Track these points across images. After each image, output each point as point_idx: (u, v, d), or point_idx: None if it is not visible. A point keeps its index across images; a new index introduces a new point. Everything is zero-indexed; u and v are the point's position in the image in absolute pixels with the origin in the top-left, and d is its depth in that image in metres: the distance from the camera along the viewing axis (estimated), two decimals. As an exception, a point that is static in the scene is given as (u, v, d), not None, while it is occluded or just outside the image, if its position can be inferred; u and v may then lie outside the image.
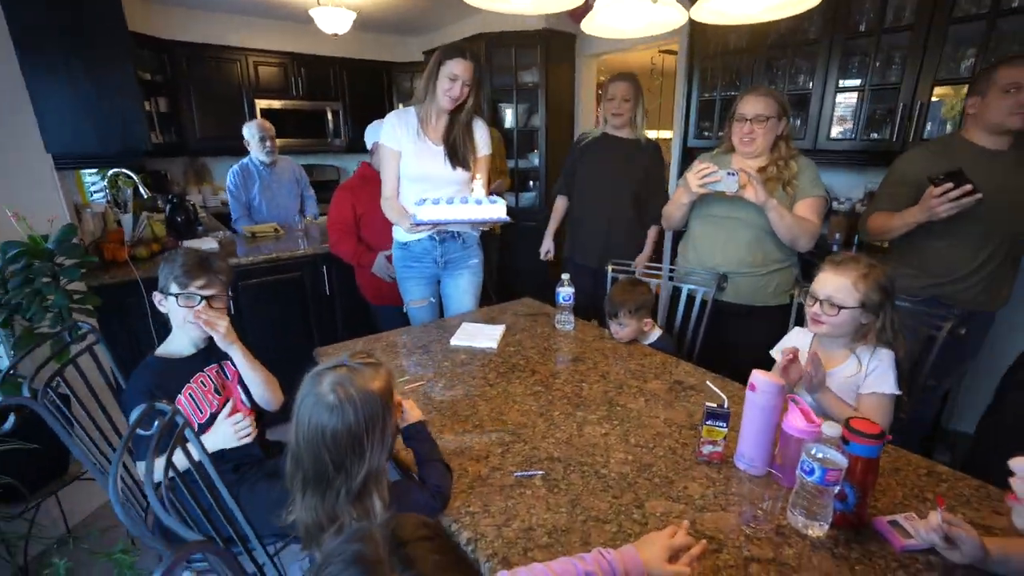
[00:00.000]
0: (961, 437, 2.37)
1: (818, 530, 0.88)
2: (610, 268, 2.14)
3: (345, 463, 0.82)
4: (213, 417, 1.24)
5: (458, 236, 2.01)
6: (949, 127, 2.19)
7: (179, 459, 0.93)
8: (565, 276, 1.84)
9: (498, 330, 1.80)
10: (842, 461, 0.84)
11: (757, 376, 1.01)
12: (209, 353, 1.31)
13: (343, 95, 4.63)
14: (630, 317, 1.69)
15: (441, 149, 1.90)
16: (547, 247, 2.69)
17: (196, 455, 0.97)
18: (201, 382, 1.26)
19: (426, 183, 1.90)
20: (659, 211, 2.25)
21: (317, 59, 4.44)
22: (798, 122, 2.56)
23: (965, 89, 2.07)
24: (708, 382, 1.26)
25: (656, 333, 1.79)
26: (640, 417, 1.26)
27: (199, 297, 1.23)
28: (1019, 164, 1.68)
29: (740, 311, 1.87)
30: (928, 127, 2.18)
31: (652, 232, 2.43)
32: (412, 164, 1.88)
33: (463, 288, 2.09)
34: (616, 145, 2.35)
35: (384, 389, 0.85)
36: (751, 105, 1.74)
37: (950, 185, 1.56)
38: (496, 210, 1.72)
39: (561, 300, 1.84)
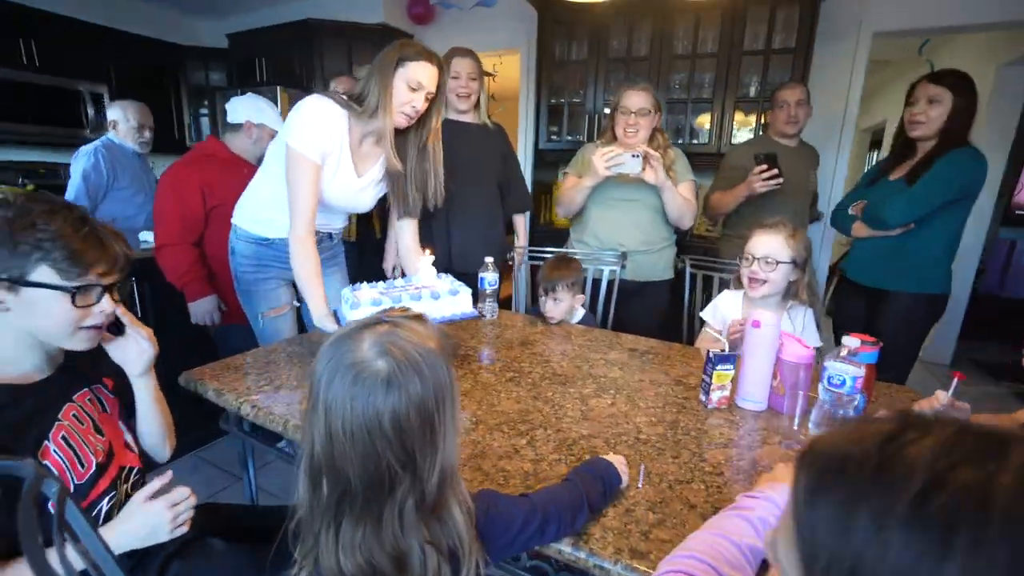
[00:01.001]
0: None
1: (841, 439, 0.97)
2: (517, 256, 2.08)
3: (416, 458, 0.56)
4: (100, 469, 0.74)
5: (331, 236, 1.67)
6: (750, 134, 2.79)
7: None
8: (489, 260, 1.71)
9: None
10: (860, 370, 0.94)
11: (761, 314, 1.08)
12: (71, 373, 0.79)
13: (110, 75, 3.57)
14: (567, 291, 1.67)
15: (366, 183, 1.46)
16: (393, 262, 2.22)
17: (96, 551, 0.55)
18: (74, 416, 0.75)
19: (326, 215, 1.52)
20: (524, 197, 2.27)
21: (64, 22, 3.33)
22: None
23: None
24: (707, 328, 1.30)
25: (581, 312, 1.80)
26: (628, 384, 1.22)
27: (100, 289, 0.74)
28: (801, 157, 2.26)
29: (634, 287, 2.02)
30: (734, 133, 2.75)
31: (523, 219, 2.35)
32: (325, 188, 1.39)
33: (336, 288, 1.70)
34: (466, 132, 2.05)
35: (443, 348, 0.61)
36: (634, 99, 1.91)
37: (765, 167, 1.99)
38: (462, 303, 1.31)
39: (486, 286, 1.70)
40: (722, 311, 1.57)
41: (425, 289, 1.28)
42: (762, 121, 2.30)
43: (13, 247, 0.68)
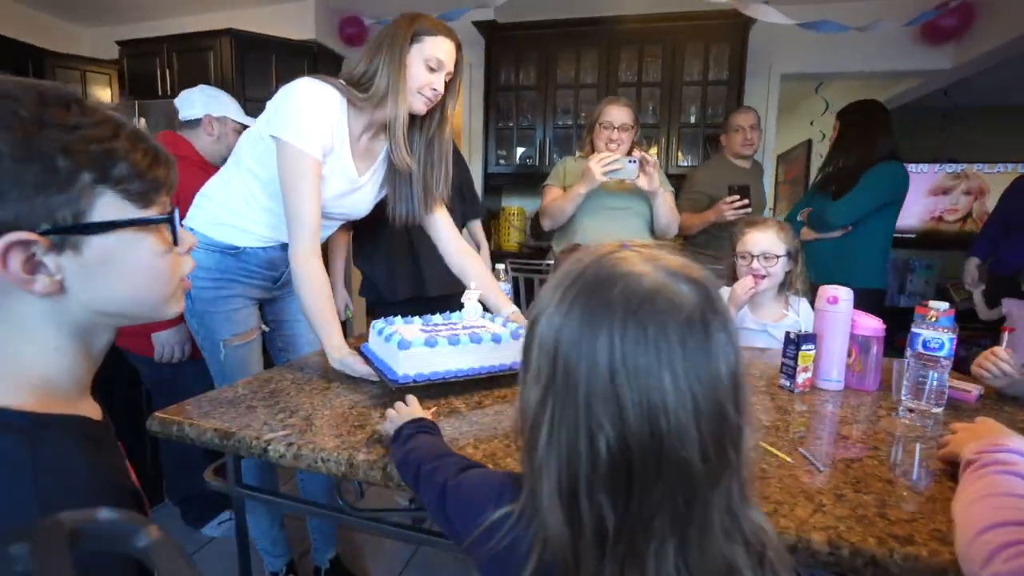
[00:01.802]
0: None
1: (938, 406, 0.96)
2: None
3: (743, 424, 0.39)
4: None
5: None
6: (692, 159, 2.99)
7: None
8: (500, 266, 1.56)
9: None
10: (954, 333, 0.96)
11: (835, 289, 1.07)
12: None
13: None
14: None
15: (367, 184, 1.23)
16: (345, 299, 1.93)
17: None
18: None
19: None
20: (478, 201, 2.11)
21: None
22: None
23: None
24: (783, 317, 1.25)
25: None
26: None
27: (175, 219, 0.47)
28: (755, 177, 2.45)
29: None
30: (679, 155, 2.94)
31: (479, 225, 2.16)
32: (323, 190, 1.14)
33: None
34: None
35: None
36: (617, 114, 1.93)
37: (737, 197, 2.12)
38: None
39: None
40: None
41: (484, 330, 1.01)
42: (715, 144, 2.50)
43: (50, 168, 0.38)
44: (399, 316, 1.14)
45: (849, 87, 3.53)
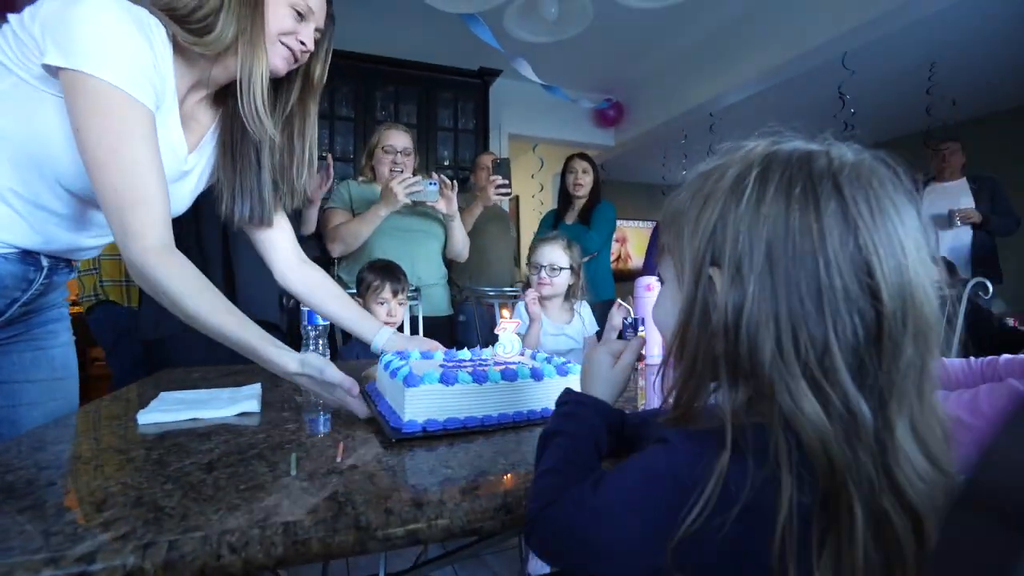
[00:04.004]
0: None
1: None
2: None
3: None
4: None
5: (72, 267, 0.87)
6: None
7: None
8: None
9: (250, 389, 0.97)
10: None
11: (649, 279, 1.28)
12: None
13: None
14: (403, 294, 1.57)
15: (195, 168, 0.88)
16: None
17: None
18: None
19: (98, 226, 0.85)
20: None
21: None
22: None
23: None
24: (620, 301, 1.31)
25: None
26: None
27: None
28: (502, 214, 2.79)
29: (429, 323, 1.93)
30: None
31: None
32: None
33: (61, 362, 0.90)
34: None
35: None
36: (398, 139, 1.93)
37: (499, 177, 2.07)
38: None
39: (318, 321, 1.25)
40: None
41: (522, 364, 0.77)
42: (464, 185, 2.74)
43: None
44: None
45: (550, 150, 4.47)
